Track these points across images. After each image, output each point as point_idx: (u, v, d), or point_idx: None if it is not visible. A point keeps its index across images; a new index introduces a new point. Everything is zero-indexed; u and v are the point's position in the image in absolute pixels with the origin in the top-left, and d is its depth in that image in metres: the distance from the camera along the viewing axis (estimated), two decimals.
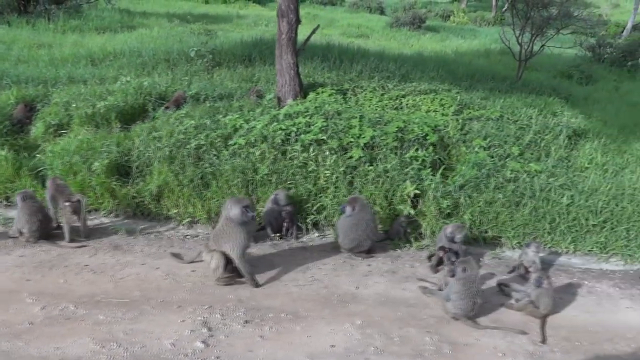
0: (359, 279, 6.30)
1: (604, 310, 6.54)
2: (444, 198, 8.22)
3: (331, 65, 14.77)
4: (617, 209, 8.62)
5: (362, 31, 27.82)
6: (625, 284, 7.30)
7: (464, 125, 10.59)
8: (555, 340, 5.81)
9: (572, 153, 10.54)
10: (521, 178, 8.89)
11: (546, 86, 16.28)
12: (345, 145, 9.13)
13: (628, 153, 10.71)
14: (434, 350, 5.49)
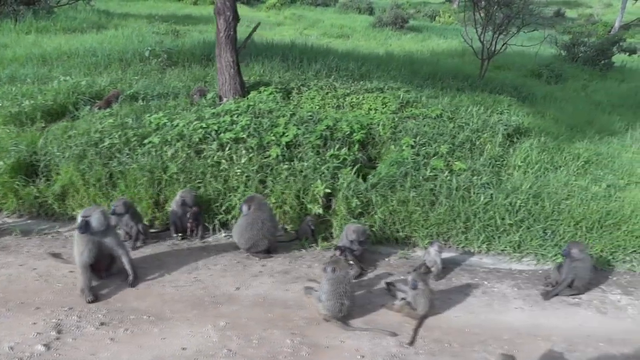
0: (244, 280, 6.18)
1: (490, 311, 6.39)
2: (355, 197, 7.99)
3: (290, 64, 14.53)
4: (535, 208, 8.40)
5: (344, 31, 27.69)
6: (527, 284, 7.15)
7: (398, 124, 10.33)
8: (424, 342, 5.66)
9: (508, 151, 10.23)
10: (440, 177, 8.63)
11: (508, 85, 16.09)
12: (266, 144, 8.90)
13: (567, 152, 10.46)
14: (290, 352, 5.35)
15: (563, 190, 8.97)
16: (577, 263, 6.70)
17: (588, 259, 6.80)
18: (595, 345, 5.58)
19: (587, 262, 6.78)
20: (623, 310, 6.23)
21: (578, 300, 6.38)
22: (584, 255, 6.71)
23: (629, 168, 10.31)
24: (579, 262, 6.69)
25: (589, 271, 6.85)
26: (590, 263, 6.90)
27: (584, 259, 6.68)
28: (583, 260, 6.70)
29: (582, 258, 6.69)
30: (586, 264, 6.74)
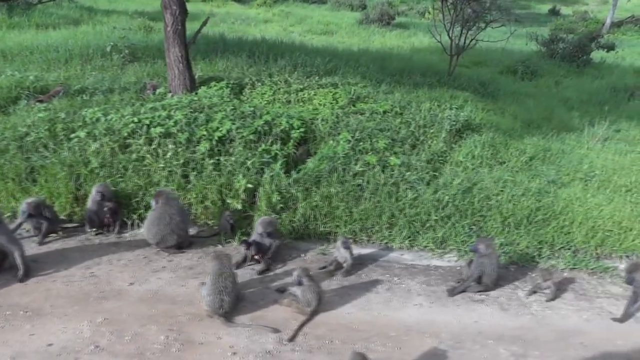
0: (143, 275, 6.12)
1: (386, 308, 6.28)
2: (276, 192, 7.89)
3: (256, 60, 14.42)
4: (463, 204, 8.27)
5: (329, 28, 27.58)
6: (439, 281, 7.05)
7: (342, 119, 10.23)
8: (306, 339, 5.58)
9: (453, 147, 10.11)
10: (367, 173, 8.49)
11: (476, 81, 15.91)
12: (197, 139, 8.82)
13: (513, 147, 10.33)
14: (160, 349, 5.28)
15: (496, 186, 8.76)
16: (484, 259, 6.60)
17: (495, 254, 6.68)
18: (483, 343, 5.49)
19: (494, 258, 6.67)
20: (527, 307, 6.14)
21: (484, 297, 6.26)
22: (491, 251, 6.59)
23: (576, 164, 10.14)
24: (486, 258, 6.59)
25: (497, 267, 6.70)
26: (497, 259, 6.75)
27: (490, 254, 6.58)
28: (490, 256, 6.59)
29: (489, 254, 6.57)
30: (492, 260, 6.63)
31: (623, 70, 20.86)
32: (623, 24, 36.63)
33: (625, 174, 9.98)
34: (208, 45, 15.58)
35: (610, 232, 8.35)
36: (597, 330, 5.74)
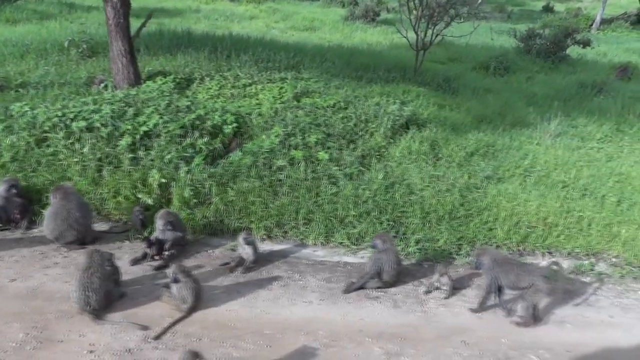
0: (30, 272, 6.01)
1: (273, 305, 6.12)
2: (189, 187, 7.76)
3: (218, 55, 14.30)
4: (384, 200, 8.11)
5: (313, 24, 27.44)
6: (342, 277, 6.90)
7: (281, 114, 10.11)
8: (173, 337, 5.46)
9: (393, 142, 9.95)
10: (287, 168, 8.40)
11: (441, 77, 15.69)
12: (121, 133, 8.70)
13: (455, 143, 10.16)
14: (15, 347, 5.15)
15: (422, 181, 8.58)
16: (381, 255, 6.45)
17: (393, 250, 6.51)
18: (360, 341, 5.38)
19: (392, 254, 6.49)
20: (422, 304, 6.06)
21: (381, 294, 6.14)
22: (388, 247, 6.42)
23: (519, 160, 9.94)
24: (383, 254, 6.44)
25: (395, 263, 6.54)
26: (396, 255, 6.58)
27: (387, 250, 6.41)
28: (387, 252, 6.43)
29: (386, 249, 6.41)
30: (390, 256, 6.46)
31: (599, 66, 20.61)
32: (613, 20, 36.20)
33: (567, 169, 9.81)
34: (172, 41, 15.41)
35: (535, 229, 8.10)
36: (486, 328, 5.60)
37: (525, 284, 5.96)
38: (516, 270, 5.63)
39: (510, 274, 5.63)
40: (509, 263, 5.68)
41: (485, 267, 6.08)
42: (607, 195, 9.12)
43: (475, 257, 6.01)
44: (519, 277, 5.64)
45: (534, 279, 5.59)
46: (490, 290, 6.09)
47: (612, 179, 9.68)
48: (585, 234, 8.24)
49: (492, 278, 6.04)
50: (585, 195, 9.13)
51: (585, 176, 9.50)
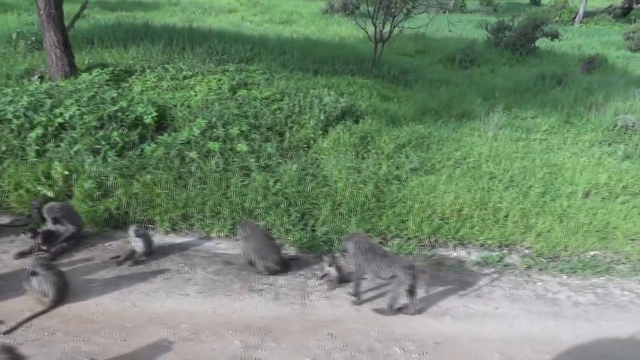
0: None
1: (146, 298, 5.89)
2: (91, 179, 7.62)
3: (173, 47, 14.15)
4: (295, 192, 7.98)
5: (291, 17, 27.20)
6: (234, 270, 6.78)
7: (209, 105, 9.94)
8: (27, 332, 5.28)
9: (325, 134, 9.82)
10: (196, 161, 8.28)
11: (398, 69, 15.52)
12: (34, 125, 8.56)
13: (389, 134, 10.03)
14: None
15: (339, 173, 8.44)
16: (248, 243, 6.32)
17: (258, 238, 6.39)
18: (223, 334, 5.36)
19: (257, 241, 6.37)
20: (304, 297, 6.22)
21: (265, 287, 6.15)
22: (252, 233, 6.30)
23: (452, 151, 9.78)
24: (250, 242, 6.32)
25: (266, 252, 6.40)
26: (270, 243, 6.45)
27: (248, 237, 6.31)
28: (253, 240, 6.30)
29: (248, 236, 6.31)
30: (256, 243, 6.33)
31: (568, 58, 20.42)
32: (597, 13, 35.96)
33: (499, 161, 9.66)
34: (128, 33, 15.24)
35: (448, 220, 7.95)
36: (361, 320, 5.55)
37: (387, 275, 5.80)
38: (379, 259, 5.43)
39: (372, 263, 5.48)
40: (373, 252, 5.51)
41: (350, 253, 5.93)
42: (534, 187, 8.96)
43: (343, 243, 5.80)
44: (381, 267, 5.46)
45: (396, 270, 5.38)
46: (359, 278, 5.93)
47: (543, 170, 9.45)
48: (501, 225, 8.08)
49: (357, 265, 5.88)
50: (511, 186, 8.90)
51: (516, 168, 9.35)
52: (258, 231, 6.55)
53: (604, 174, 9.48)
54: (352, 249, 5.97)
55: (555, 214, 8.35)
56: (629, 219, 8.38)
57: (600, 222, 8.26)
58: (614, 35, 28.84)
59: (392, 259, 5.57)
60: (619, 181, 9.41)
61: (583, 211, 8.36)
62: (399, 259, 5.89)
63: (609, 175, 9.45)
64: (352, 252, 5.96)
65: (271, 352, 4.97)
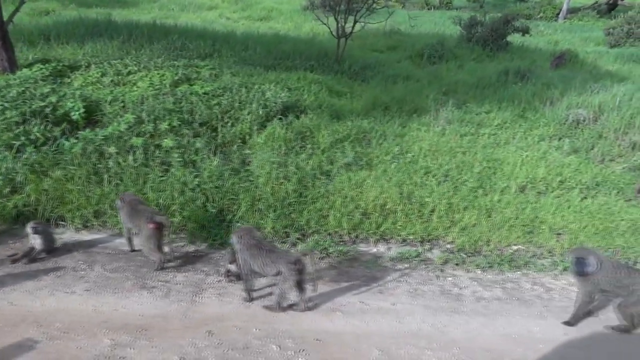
0: None
1: (25, 296, 5.66)
2: (1, 175, 7.45)
3: (131, 43, 13.98)
4: (212, 187, 7.83)
5: (271, 14, 27.05)
6: (134, 267, 6.58)
7: (144, 101, 9.78)
8: None
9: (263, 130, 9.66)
10: (114, 156, 8.10)
11: (360, 65, 15.33)
12: None
13: (328, 130, 9.85)
14: None
15: (262, 168, 8.26)
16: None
17: (147, 234, 6.33)
18: (95, 332, 5.18)
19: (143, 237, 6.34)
20: (197, 294, 6.06)
21: (159, 284, 5.96)
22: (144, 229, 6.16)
23: (391, 146, 9.60)
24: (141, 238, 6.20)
25: (150, 245, 6.35)
26: (153, 238, 6.36)
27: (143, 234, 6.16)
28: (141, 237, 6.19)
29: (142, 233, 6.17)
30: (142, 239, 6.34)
31: (539, 54, 20.17)
32: (581, 10, 35.78)
33: (438, 156, 9.42)
34: (87, 29, 15.10)
35: (371, 215, 7.77)
36: (245, 317, 5.41)
37: (273, 271, 5.62)
38: (264, 255, 5.24)
39: (257, 259, 5.28)
40: (259, 247, 5.31)
41: (236, 249, 5.75)
42: (468, 181, 8.75)
43: (230, 238, 5.66)
44: (266, 263, 5.26)
45: (281, 266, 5.20)
46: (248, 273, 5.75)
47: (483, 164, 9.27)
48: (426, 220, 7.88)
49: (242, 261, 5.70)
50: (444, 181, 8.72)
51: (455, 162, 9.15)
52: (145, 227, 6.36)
53: (543, 168, 9.24)
54: (237, 244, 5.78)
55: (484, 208, 8.15)
56: (558, 213, 8.16)
57: (528, 217, 8.07)
58: (596, 31, 28.60)
59: (278, 254, 5.37)
60: (557, 175, 9.19)
61: (513, 205, 8.19)
62: (285, 254, 5.69)
63: (547, 169, 9.20)
64: (237, 248, 5.77)
65: (139, 351, 4.78)
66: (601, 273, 5.59)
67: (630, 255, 7.54)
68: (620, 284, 5.62)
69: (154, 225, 6.16)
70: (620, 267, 5.73)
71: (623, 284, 5.62)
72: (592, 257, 5.61)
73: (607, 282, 5.63)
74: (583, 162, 9.80)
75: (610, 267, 5.64)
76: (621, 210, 8.39)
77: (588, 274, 5.60)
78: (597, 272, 5.59)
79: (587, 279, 5.65)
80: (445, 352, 5.28)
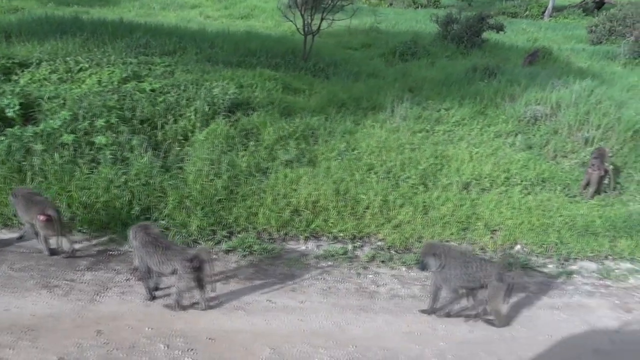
0: None
1: None
2: None
3: (95, 40, 13.82)
4: (140, 185, 7.66)
5: (253, 12, 26.87)
6: (43, 264, 6.38)
7: (85, 98, 9.59)
8: None
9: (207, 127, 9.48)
10: (40, 152, 7.99)
11: (327, 62, 15.16)
12: None
13: (275, 127, 9.68)
14: None
15: (194, 165, 8.09)
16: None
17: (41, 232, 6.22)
18: None
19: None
20: (101, 292, 5.89)
21: (62, 282, 5.65)
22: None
23: (337, 143, 9.43)
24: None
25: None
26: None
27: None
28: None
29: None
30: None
31: (514, 51, 20.01)
32: (567, 8, 35.66)
33: (386, 152, 9.26)
34: (52, 26, 14.96)
35: (303, 212, 7.60)
36: (141, 316, 5.30)
37: (168, 270, 5.45)
38: (160, 253, 5.06)
39: (153, 257, 5.09)
40: (154, 245, 5.14)
41: (133, 245, 5.56)
42: (411, 178, 8.56)
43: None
44: (162, 261, 5.08)
45: (176, 265, 5.01)
46: (145, 271, 5.57)
47: (429, 161, 9.10)
48: (359, 217, 7.69)
49: (138, 259, 5.51)
50: (386, 178, 8.53)
51: (402, 159, 9.04)
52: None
53: (490, 165, 9.07)
54: (132, 241, 5.59)
55: (421, 205, 7.97)
56: (496, 210, 7.98)
57: (465, 213, 7.90)
58: (580, 29, 28.46)
59: (174, 252, 5.18)
60: (504, 172, 9.01)
61: (452, 202, 7.99)
62: (181, 252, 5.50)
63: (495, 166, 9.03)
64: (133, 245, 5.58)
65: (19, 352, 4.62)
66: (450, 267, 5.41)
67: (562, 251, 7.31)
68: (472, 278, 5.47)
69: (45, 217, 5.97)
70: (472, 261, 5.57)
71: (475, 278, 5.47)
72: (438, 252, 5.48)
73: (458, 276, 5.46)
74: (533, 159, 9.60)
75: (461, 261, 5.47)
76: (561, 207, 8.21)
77: (431, 270, 5.50)
78: (444, 267, 5.40)
79: (437, 274, 5.53)
80: (340, 350, 5.11)
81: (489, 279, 5.48)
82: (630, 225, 7.80)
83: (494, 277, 5.45)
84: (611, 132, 10.42)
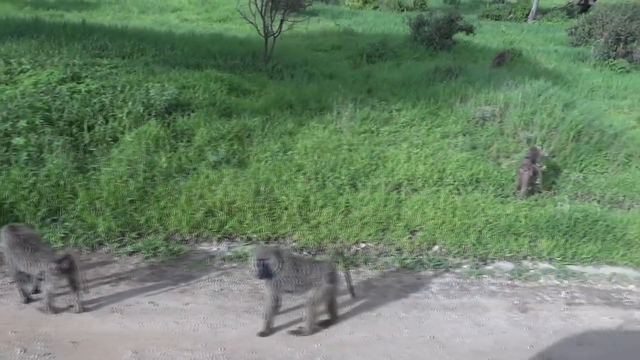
0: None
1: None
2: None
3: (51, 43, 13.70)
4: (47, 186, 7.47)
5: (232, 16, 26.71)
6: None
7: (13, 99, 9.44)
8: None
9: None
10: None
11: (287, 64, 15.02)
12: None
13: (209, 128, 9.49)
14: None
15: (109, 165, 7.89)
16: None
17: None
18: None
19: None
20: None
21: None
22: None
23: (271, 144, 9.24)
24: None
25: None
26: None
27: None
28: None
29: None
30: None
31: (483, 53, 19.89)
32: (551, 10, 35.63)
33: (321, 153, 9.07)
34: (10, 29, 14.87)
35: (217, 213, 7.41)
36: (5, 320, 4.79)
37: (37, 272, 5.24)
38: (29, 254, 4.84)
39: (22, 259, 4.88)
40: (23, 246, 4.93)
41: (3, 247, 5.34)
42: (340, 179, 8.36)
43: None
44: (30, 263, 4.89)
45: (44, 266, 4.81)
46: (15, 273, 5.35)
47: (365, 161, 8.90)
48: (276, 218, 7.47)
49: (8, 261, 5.29)
50: (314, 179, 8.32)
51: (335, 160, 8.78)
52: None
53: (426, 165, 8.86)
54: (4, 242, 5.39)
55: (343, 206, 7.75)
56: (420, 210, 7.77)
57: (388, 214, 7.66)
58: (562, 31, 28.37)
59: (42, 253, 4.96)
60: (438, 172, 8.79)
61: (376, 203, 7.76)
62: (50, 253, 5.28)
63: (430, 166, 8.84)
64: (4, 246, 5.37)
65: None
66: (283, 273, 5.17)
67: (480, 252, 7.11)
68: (302, 282, 5.20)
69: None
70: (302, 264, 5.30)
71: (306, 282, 5.20)
72: (273, 257, 5.17)
73: (289, 281, 5.20)
74: (472, 159, 9.41)
75: (291, 265, 5.20)
76: (486, 207, 8.01)
77: (271, 276, 5.14)
78: (279, 272, 5.14)
79: (270, 282, 5.19)
80: (207, 353, 4.91)
81: (319, 280, 5.21)
82: (552, 225, 7.59)
83: (323, 278, 5.19)
84: (554, 132, 10.17)
